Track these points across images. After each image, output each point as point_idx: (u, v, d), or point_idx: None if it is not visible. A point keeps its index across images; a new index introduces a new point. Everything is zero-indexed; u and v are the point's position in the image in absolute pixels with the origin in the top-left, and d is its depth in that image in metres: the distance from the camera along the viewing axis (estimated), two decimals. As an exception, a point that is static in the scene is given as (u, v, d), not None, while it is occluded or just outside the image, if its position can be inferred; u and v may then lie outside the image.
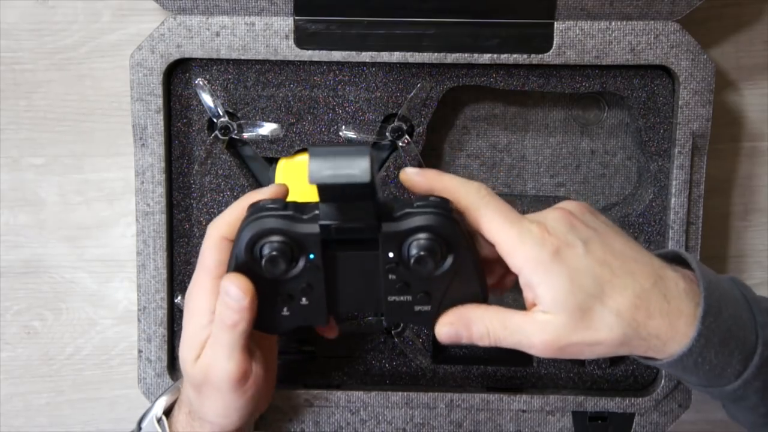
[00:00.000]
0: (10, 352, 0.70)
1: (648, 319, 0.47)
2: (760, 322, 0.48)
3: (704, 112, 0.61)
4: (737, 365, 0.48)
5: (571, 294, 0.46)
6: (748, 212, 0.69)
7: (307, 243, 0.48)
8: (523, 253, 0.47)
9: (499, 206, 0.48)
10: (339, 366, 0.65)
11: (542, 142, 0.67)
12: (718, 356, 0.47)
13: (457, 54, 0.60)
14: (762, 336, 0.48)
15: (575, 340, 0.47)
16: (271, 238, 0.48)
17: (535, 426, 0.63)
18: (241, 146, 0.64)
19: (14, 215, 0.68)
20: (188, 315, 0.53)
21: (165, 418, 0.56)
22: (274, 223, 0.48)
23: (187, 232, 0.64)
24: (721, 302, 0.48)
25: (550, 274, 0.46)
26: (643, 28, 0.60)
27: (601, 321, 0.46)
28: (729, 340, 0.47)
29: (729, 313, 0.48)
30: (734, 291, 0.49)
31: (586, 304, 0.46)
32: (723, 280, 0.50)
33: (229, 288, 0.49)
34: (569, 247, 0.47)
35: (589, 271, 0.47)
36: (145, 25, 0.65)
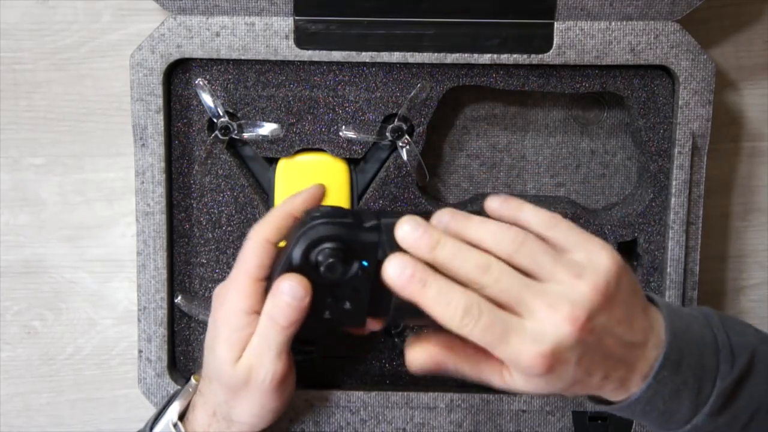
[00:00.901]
0: (10, 352, 0.70)
1: (603, 386, 0.48)
2: (722, 372, 0.48)
3: (704, 112, 0.61)
4: (687, 412, 0.49)
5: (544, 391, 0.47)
6: (748, 212, 0.69)
7: (364, 251, 0.48)
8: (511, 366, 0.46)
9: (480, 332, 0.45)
10: (339, 366, 0.65)
11: (542, 142, 0.67)
12: (667, 404, 0.48)
13: (457, 54, 0.60)
14: (719, 387, 0.48)
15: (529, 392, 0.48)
16: (327, 245, 0.49)
17: (535, 426, 0.63)
18: (241, 146, 0.64)
19: (14, 215, 0.68)
20: (223, 316, 0.52)
21: (180, 423, 0.56)
22: (334, 230, 0.49)
23: (187, 232, 0.64)
24: (684, 354, 0.48)
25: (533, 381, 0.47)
26: (643, 28, 0.60)
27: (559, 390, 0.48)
28: (681, 391, 0.48)
29: (689, 365, 0.48)
30: (704, 338, 0.49)
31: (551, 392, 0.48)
32: (694, 324, 0.50)
33: (288, 287, 0.49)
34: (561, 364, 0.46)
35: (570, 378, 0.47)
36: (145, 25, 0.65)
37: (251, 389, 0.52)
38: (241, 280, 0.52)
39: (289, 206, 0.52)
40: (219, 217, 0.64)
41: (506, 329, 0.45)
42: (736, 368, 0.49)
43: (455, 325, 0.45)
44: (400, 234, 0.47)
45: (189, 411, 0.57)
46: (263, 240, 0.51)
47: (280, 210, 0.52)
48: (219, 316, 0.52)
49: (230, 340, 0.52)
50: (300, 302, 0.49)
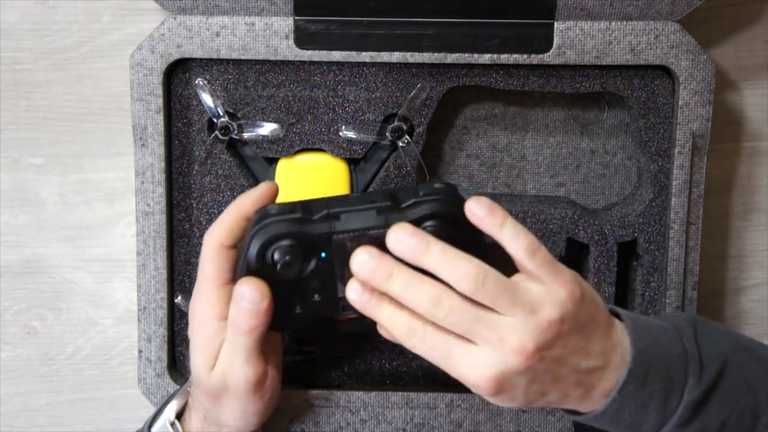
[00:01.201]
0: (10, 352, 0.70)
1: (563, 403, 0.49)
2: (690, 385, 0.49)
3: (704, 112, 0.61)
4: (654, 423, 0.49)
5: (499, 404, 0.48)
6: (748, 212, 0.69)
7: (319, 243, 0.49)
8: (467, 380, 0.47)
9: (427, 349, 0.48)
10: (339, 366, 0.65)
11: (542, 142, 0.67)
12: (633, 416, 0.49)
13: (457, 54, 0.60)
14: (687, 399, 0.49)
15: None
16: (282, 243, 0.48)
17: (535, 426, 0.63)
18: (241, 146, 0.64)
19: (14, 215, 0.68)
20: (195, 325, 0.53)
21: (178, 422, 0.56)
22: (285, 228, 0.48)
23: (187, 232, 0.64)
24: (650, 368, 0.49)
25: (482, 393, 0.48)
26: (643, 28, 0.60)
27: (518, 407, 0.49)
28: (648, 404, 0.49)
29: (656, 378, 0.49)
30: (673, 350, 0.50)
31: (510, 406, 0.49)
32: (663, 337, 0.50)
33: (246, 292, 0.49)
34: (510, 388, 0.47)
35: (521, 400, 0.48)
36: (145, 25, 0.65)
37: (229, 395, 0.52)
38: (204, 288, 0.52)
39: (240, 207, 0.52)
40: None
41: (451, 351, 0.47)
42: (704, 380, 0.49)
43: (404, 343, 0.47)
44: (355, 266, 0.47)
45: (186, 410, 0.57)
46: (217, 245, 0.51)
47: (230, 212, 0.52)
48: (193, 326, 0.53)
49: (203, 350, 0.52)
50: (259, 306, 0.49)
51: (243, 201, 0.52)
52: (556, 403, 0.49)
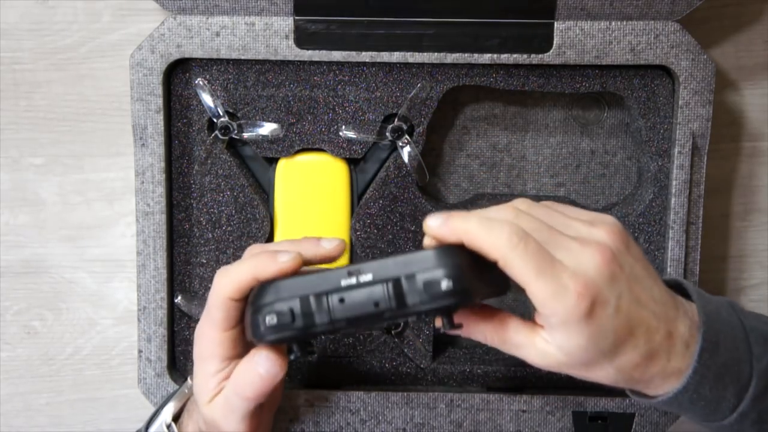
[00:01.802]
0: (10, 352, 0.70)
1: (644, 374, 0.47)
2: (756, 354, 0.48)
3: (704, 112, 0.61)
4: (732, 399, 0.48)
5: (585, 351, 0.46)
6: (748, 212, 0.69)
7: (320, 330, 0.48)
8: (552, 308, 0.45)
9: (530, 255, 0.45)
10: (339, 366, 0.65)
11: (542, 142, 0.67)
12: (713, 391, 0.48)
13: (457, 54, 0.60)
14: (757, 368, 0.48)
15: (570, 372, 0.48)
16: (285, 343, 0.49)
17: (535, 426, 0.63)
18: (241, 146, 0.64)
19: (14, 215, 0.68)
20: (198, 358, 0.53)
21: (174, 425, 0.56)
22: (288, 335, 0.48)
23: (187, 232, 0.64)
24: (720, 336, 0.48)
25: (574, 331, 0.45)
26: (643, 28, 0.60)
27: (601, 370, 0.47)
28: (724, 375, 0.48)
29: (726, 347, 0.48)
30: (733, 321, 0.49)
31: (594, 360, 0.46)
32: (722, 308, 0.50)
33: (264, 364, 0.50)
34: (602, 305, 0.45)
35: (612, 330, 0.46)
36: (145, 25, 0.65)
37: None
38: (208, 330, 0.52)
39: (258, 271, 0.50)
40: (219, 217, 0.63)
41: (551, 256, 0.45)
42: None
43: (504, 246, 0.45)
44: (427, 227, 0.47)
45: (184, 413, 0.57)
46: (226, 298, 0.51)
47: (247, 272, 0.50)
48: (196, 357, 0.53)
49: (202, 386, 0.52)
50: (273, 379, 0.50)
51: (262, 266, 0.50)
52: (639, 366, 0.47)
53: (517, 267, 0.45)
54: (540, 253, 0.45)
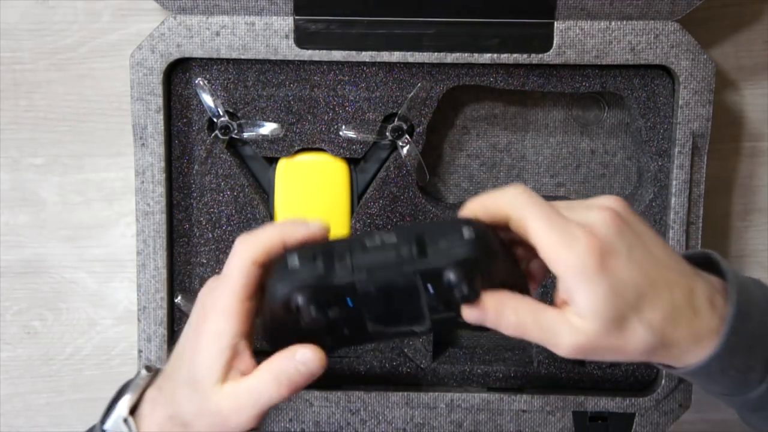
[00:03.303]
0: (10, 352, 0.70)
1: (674, 331, 0.46)
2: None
3: (704, 112, 0.61)
4: (761, 369, 0.47)
5: (611, 304, 0.45)
6: (748, 212, 0.69)
7: (343, 293, 0.47)
8: (565, 260, 0.45)
9: (540, 209, 0.46)
10: (339, 366, 0.65)
11: (542, 142, 0.67)
12: (745, 360, 0.47)
13: (457, 54, 0.60)
14: None
15: (603, 345, 0.46)
16: (305, 299, 0.47)
17: (535, 426, 0.63)
18: (241, 146, 0.64)
19: (14, 215, 0.68)
20: (208, 334, 0.50)
21: (131, 419, 0.52)
22: (305, 283, 0.47)
23: (187, 232, 0.64)
24: (750, 306, 0.47)
25: (592, 283, 0.45)
26: (643, 28, 0.60)
27: (632, 331, 0.46)
28: (754, 346, 0.47)
29: (756, 318, 0.47)
30: (759, 293, 0.49)
31: (622, 315, 0.46)
32: (748, 283, 0.49)
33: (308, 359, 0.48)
34: (614, 255, 0.45)
35: (631, 281, 0.46)
36: (145, 25, 0.65)
37: (216, 424, 0.49)
38: (227, 301, 0.49)
39: (284, 233, 0.49)
40: (219, 217, 0.63)
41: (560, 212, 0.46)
42: None
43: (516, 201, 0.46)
44: None
45: (142, 404, 0.53)
46: (250, 262, 0.49)
47: (273, 234, 0.49)
48: (203, 333, 0.50)
49: (210, 362, 0.49)
50: (313, 375, 0.48)
51: (291, 230, 0.49)
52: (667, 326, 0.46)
53: (529, 220, 0.46)
54: (550, 209, 0.46)
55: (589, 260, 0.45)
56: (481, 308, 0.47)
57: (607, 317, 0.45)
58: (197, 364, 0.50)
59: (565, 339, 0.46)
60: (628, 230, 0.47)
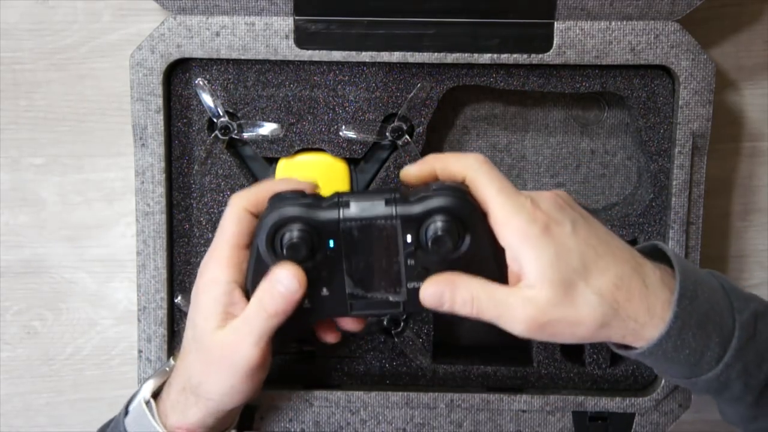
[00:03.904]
0: (10, 352, 0.70)
1: (627, 302, 0.48)
2: (737, 308, 0.49)
3: (704, 112, 0.61)
4: (716, 348, 0.48)
5: (557, 268, 0.47)
6: (748, 212, 0.69)
7: (326, 230, 0.49)
8: (513, 225, 0.48)
9: (494, 177, 0.49)
10: (339, 366, 0.65)
11: (542, 142, 0.67)
12: (696, 339, 0.48)
13: (457, 54, 0.60)
14: (739, 320, 0.48)
15: (557, 316, 0.47)
16: (291, 227, 0.49)
17: (535, 426, 0.63)
18: (241, 146, 0.64)
19: (14, 215, 0.68)
20: (204, 284, 0.52)
21: (153, 401, 0.55)
22: (293, 211, 0.49)
23: (187, 232, 0.64)
24: (697, 287, 0.49)
25: (538, 247, 0.47)
26: (643, 28, 0.60)
27: (583, 299, 0.47)
28: (706, 324, 0.48)
29: (705, 297, 0.49)
30: (710, 279, 0.50)
31: (570, 280, 0.47)
32: (699, 270, 0.51)
33: (284, 278, 0.49)
34: (558, 224, 0.48)
35: (575, 249, 0.48)
36: (145, 25, 0.65)
37: (223, 367, 0.51)
38: (220, 249, 0.52)
39: (275, 186, 0.52)
40: (219, 217, 0.63)
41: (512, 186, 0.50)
42: (750, 305, 0.49)
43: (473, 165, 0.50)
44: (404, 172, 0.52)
45: (165, 387, 0.56)
46: (242, 209, 0.52)
47: (264, 186, 0.53)
48: (200, 286, 0.53)
49: (207, 310, 0.52)
50: (293, 294, 0.50)
51: (282, 184, 0.53)
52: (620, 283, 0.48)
53: (482, 182, 0.49)
54: (502, 179, 0.50)
55: (534, 226, 0.47)
56: (435, 284, 0.49)
57: (555, 281, 0.47)
58: (197, 316, 0.52)
59: (519, 312, 0.47)
60: (570, 210, 0.49)
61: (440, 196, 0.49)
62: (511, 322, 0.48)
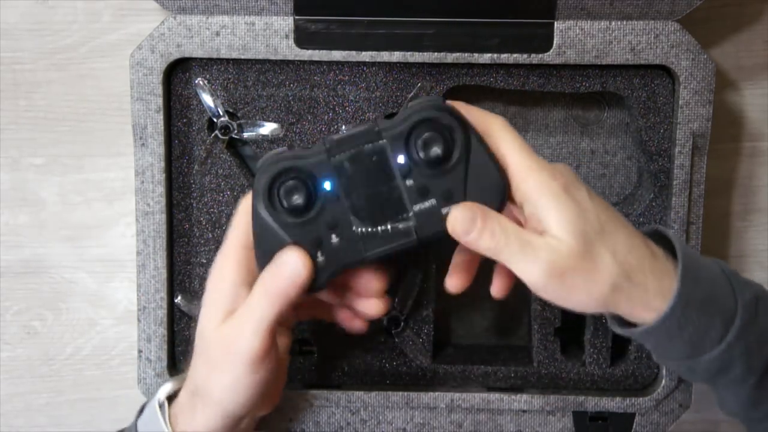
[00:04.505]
0: (10, 352, 0.70)
1: (639, 268, 0.49)
2: (738, 290, 0.50)
3: (704, 112, 0.61)
4: (719, 327, 0.49)
5: (578, 223, 0.48)
6: (748, 212, 0.69)
7: (320, 171, 0.49)
8: (535, 179, 0.49)
9: (516, 136, 0.50)
10: (339, 366, 0.65)
11: (542, 142, 0.67)
12: (700, 317, 0.48)
13: (457, 54, 0.60)
14: (741, 301, 0.49)
15: (577, 266, 0.48)
16: (283, 179, 0.49)
17: (535, 426, 0.63)
18: (241, 146, 0.64)
19: (14, 215, 0.68)
20: (213, 283, 0.52)
21: (167, 404, 0.55)
22: (283, 165, 0.49)
23: (187, 232, 0.64)
24: (699, 269, 0.50)
25: (560, 202, 0.48)
26: (643, 27, 0.60)
27: (599, 257, 0.48)
28: (709, 304, 0.49)
29: (706, 278, 0.50)
30: (712, 264, 0.51)
31: (589, 237, 0.48)
32: (700, 255, 0.52)
33: (290, 260, 0.49)
34: (576, 188, 0.49)
35: (592, 210, 0.49)
36: (145, 25, 0.65)
37: (228, 360, 0.50)
38: (232, 249, 0.52)
39: None
40: (219, 217, 0.63)
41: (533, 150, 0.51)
42: (751, 288, 0.50)
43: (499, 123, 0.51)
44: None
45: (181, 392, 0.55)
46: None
47: None
48: (208, 286, 0.53)
49: (214, 306, 0.51)
50: (298, 277, 0.49)
51: None
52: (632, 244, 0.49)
53: (503, 138, 0.50)
54: (524, 142, 0.50)
55: (556, 184, 0.49)
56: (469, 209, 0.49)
57: (577, 233, 0.48)
58: (202, 317, 0.52)
59: (541, 254, 0.48)
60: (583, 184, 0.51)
61: (422, 110, 0.49)
62: (531, 263, 0.48)
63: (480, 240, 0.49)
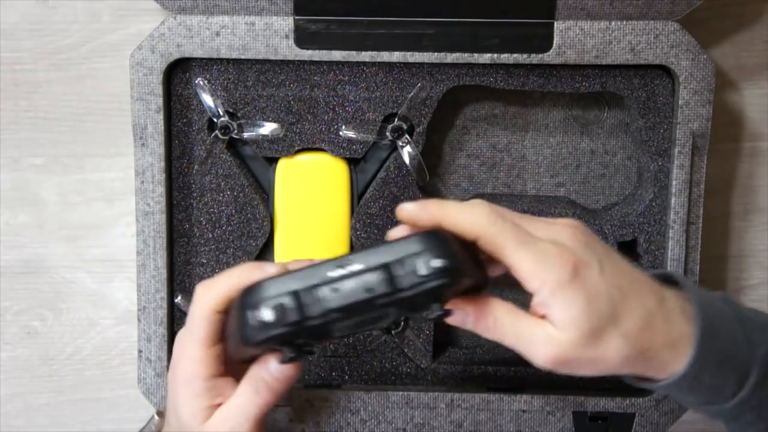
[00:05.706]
0: (10, 352, 0.70)
1: (651, 342, 0.47)
2: (753, 342, 0.48)
3: (704, 111, 0.61)
4: (733, 385, 0.48)
5: (587, 317, 0.46)
6: (748, 212, 0.69)
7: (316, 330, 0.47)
8: (540, 276, 0.46)
9: (508, 229, 0.46)
10: (339, 366, 0.65)
11: (542, 142, 0.67)
12: (713, 378, 0.48)
13: (457, 54, 0.60)
14: (756, 356, 0.48)
15: (580, 356, 0.46)
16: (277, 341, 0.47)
17: (535, 426, 0.63)
18: (241, 146, 0.64)
19: (14, 215, 0.68)
20: (181, 383, 0.51)
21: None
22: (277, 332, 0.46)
23: (187, 232, 0.64)
24: (715, 323, 0.48)
25: (568, 297, 0.46)
26: (643, 27, 0.60)
27: (609, 342, 0.46)
28: (724, 362, 0.48)
29: (724, 334, 0.48)
30: (726, 311, 0.49)
31: (599, 327, 0.46)
32: (715, 300, 0.50)
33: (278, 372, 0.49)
34: (586, 267, 0.46)
35: (605, 293, 0.46)
36: (145, 25, 0.65)
37: None
38: (192, 350, 0.51)
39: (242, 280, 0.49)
40: (219, 217, 0.64)
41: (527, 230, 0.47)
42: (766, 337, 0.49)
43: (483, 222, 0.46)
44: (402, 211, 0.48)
45: None
46: (210, 312, 0.50)
47: (231, 281, 0.50)
48: (177, 382, 0.51)
49: (193, 408, 0.50)
50: (289, 379, 0.50)
51: (248, 275, 0.49)
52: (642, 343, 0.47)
53: (498, 239, 0.46)
54: (517, 228, 0.47)
55: (563, 274, 0.45)
56: (463, 311, 0.48)
57: (585, 329, 0.46)
58: (180, 412, 0.51)
59: (541, 348, 0.46)
60: (593, 245, 0.48)
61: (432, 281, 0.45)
62: (530, 354, 0.47)
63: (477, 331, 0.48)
